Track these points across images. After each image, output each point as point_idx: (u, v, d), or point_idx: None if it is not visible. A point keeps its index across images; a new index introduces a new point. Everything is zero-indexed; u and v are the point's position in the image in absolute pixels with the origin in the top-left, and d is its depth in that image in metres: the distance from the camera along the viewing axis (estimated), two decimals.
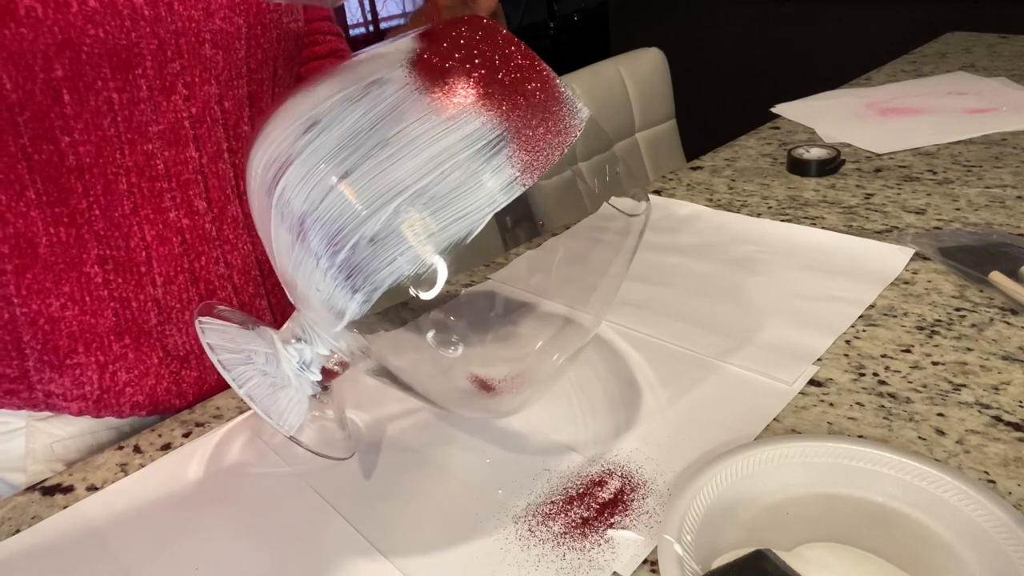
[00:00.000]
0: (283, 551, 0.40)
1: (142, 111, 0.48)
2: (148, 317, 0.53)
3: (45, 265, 0.49)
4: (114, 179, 0.49)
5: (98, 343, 0.52)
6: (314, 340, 0.40)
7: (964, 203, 0.73)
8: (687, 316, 0.58)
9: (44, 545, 0.42)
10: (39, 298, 0.50)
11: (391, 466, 0.45)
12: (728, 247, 0.69)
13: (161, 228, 0.51)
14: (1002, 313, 0.54)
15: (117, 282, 0.51)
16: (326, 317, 0.36)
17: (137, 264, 0.51)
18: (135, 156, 0.49)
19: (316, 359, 0.41)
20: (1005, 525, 0.34)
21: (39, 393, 0.52)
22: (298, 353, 0.41)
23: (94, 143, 0.47)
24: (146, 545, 0.41)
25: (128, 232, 0.50)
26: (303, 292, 0.36)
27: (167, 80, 0.48)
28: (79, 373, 0.52)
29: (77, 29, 0.44)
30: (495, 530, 0.40)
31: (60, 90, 0.45)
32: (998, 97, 1.03)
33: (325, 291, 0.34)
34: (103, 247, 0.50)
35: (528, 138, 0.34)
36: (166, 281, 0.53)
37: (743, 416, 0.46)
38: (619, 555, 0.37)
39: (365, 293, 0.34)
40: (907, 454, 0.38)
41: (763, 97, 1.22)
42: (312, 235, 0.34)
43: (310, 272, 0.35)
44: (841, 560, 0.35)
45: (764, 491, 0.39)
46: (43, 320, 0.50)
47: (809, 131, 0.99)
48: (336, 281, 0.34)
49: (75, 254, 0.49)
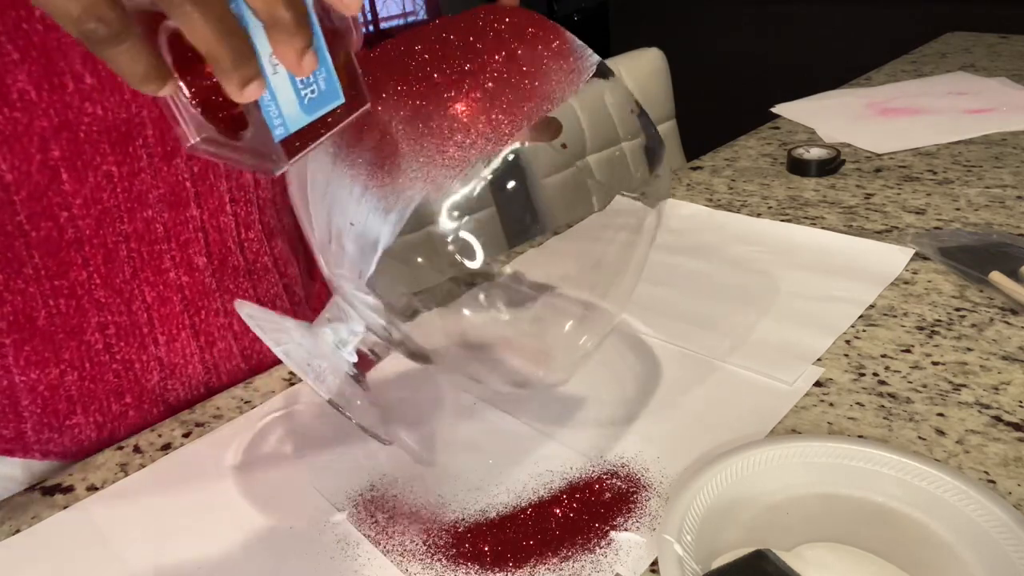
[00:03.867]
0: (283, 551, 0.40)
1: (142, 180, 0.47)
2: (151, 376, 0.52)
3: (44, 336, 0.48)
4: (114, 248, 0.48)
5: (97, 405, 0.51)
6: (349, 317, 0.41)
7: (964, 203, 0.73)
8: (687, 316, 0.58)
9: (44, 545, 0.42)
10: (38, 368, 0.49)
11: (392, 466, 0.45)
12: (728, 247, 0.69)
13: (161, 289, 0.51)
14: (1002, 313, 0.54)
15: (119, 346, 0.50)
16: (360, 260, 0.36)
17: (139, 326, 0.51)
18: (135, 223, 0.48)
19: (351, 338, 0.41)
20: (1005, 525, 0.34)
21: (36, 452, 0.51)
22: (333, 332, 0.41)
23: (93, 216, 0.46)
24: (146, 545, 0.41)
25: (130, 297, 0.50)
26: (337, 235, 0.37)
27: (168, 145, 0.47)
28: (78, 432, 0.51)
29: (75, 109, 0.42)
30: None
31: (58, 169, 0.44)
32: (998, 97, 1.03)
33: (359, 221, 0.35)
34: (104, 314, 0.49)
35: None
36: (168, 339, 0.52)
37: (743, 416, 0.46)
38: (621, 557, 0.37)
39: (398, 212, 0.35)
40: (907, 454, 0.38)
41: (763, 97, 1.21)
42: (343, 166, 0.35)
43: (344, 205, 0.36)
44: (841, 560, 0.35)
45: (764, 491, 0.39)
46: (42, 387, 0.49)
47: (809, 131, 0.99)
48: (370, 205, 0.35)
49: (75, 323, 0.48)
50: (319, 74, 0.30)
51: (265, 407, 0.52)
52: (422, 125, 0.35)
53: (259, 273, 0.56)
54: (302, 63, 0.27)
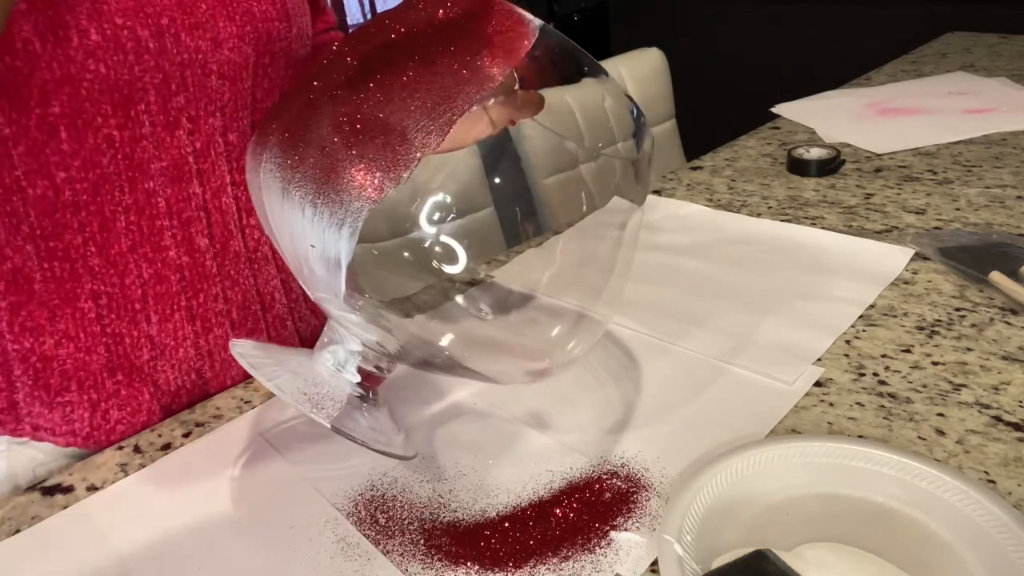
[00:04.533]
0: (283, 551, 0.40)
1: (144, 148, 0.47)
2: (140, 353, 0.52)
3: (40, 301, 0.48)
4: (111, 217, 0.48)
5: (91, 381, 0.51)
6: (343, 338, 0.41)
7: (964, 203, 0.73)
8: (687, 316, 0.58)
9: (44, 545, 0.42)
10: (32, 336, 0.49)
11: (392, 466, 0.45)
12: (728, 247, 0.69)
13: (159, 266, 0.50)
14: (1002, 313, 0.54)
15: (110, 318, 0.50)
16: (330, 280, 0.36)
17: (131, 301, 0.50)
18: (135, 194, 0.48)
19: (350, 358, 0.41)
20: (1005, 525, 0.34)
21: (27, 425, 0.51)
22: (331, 355, 0.41)
23: (91, 181, 0.46)
24: (146, 545, 0.41)
25: (124, 270, 0.49)
26: (305, 259, 0.37)
27: (171, 115, 0.47)
28: (69, 411, 0.51)
29: (77, 64, 0.42)
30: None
31: (57, 126, 0.44)
32: (998, 97, 1.03)
33: (318, 242, 0.35)
34: (97, 283, 0.49)
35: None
36: (161, 319, 0.52)
37: (743, 416, 0.46)
38: (621, 557, 0.37)
39: (350, 225, 0.34)
40: (907, 454, 0.38)
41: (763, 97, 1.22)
42: (292, 189, 0.35)
43: (301, 229, 0.35)
44: (841, 560, 0.35)
45: (764, 491, 0.39)
46: (35, 358, 0.49)
47: (809, 131, 0.99)
48: (323, 223, 0.35)
49: (69, 289, 0.48)
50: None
51: (265, 407, 0.52)
52: (359, 131, 0.34)
53: (259, 262, 0.56)
54: None
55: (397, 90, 0.35)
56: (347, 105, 0.35)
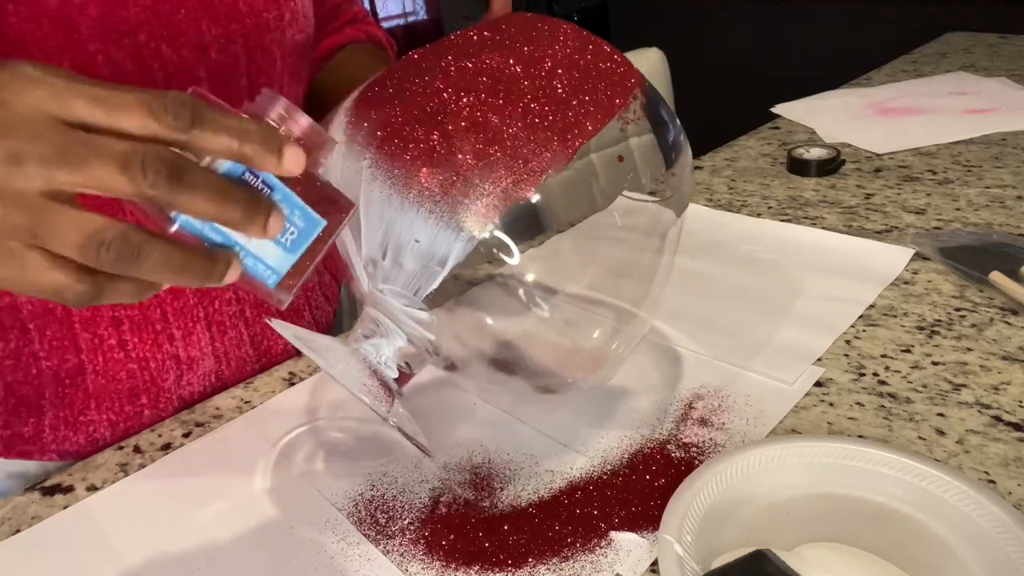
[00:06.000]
0: (283, 551, 0.40)
1: None
2: (167, 376, 0.53)
3: (62, 323, 0.49)
4: None
5: (109, 403, 0.52)
6: (390, 333, 0.41)
7: (964, 203, 0.73)
8: (687, 316, 0.58)
9: (44, 545, 0.42)
10: (59, 353, 0.49)
11: (392, 466, 0.45)
12: (728, 247, 0.69)
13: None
14: (1002, 313, 0.54)
15: (133, 342, 0.51)
16: (422, 276, 0.37)
17: (152, 322, 0.51)
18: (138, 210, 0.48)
19: (393, 353, 0.41)
20: (1005, 525, 0.34)
21: (53, 453, 0.51)
22: (374, 349, 0.41)
23: (95, 206, 0.46)
24: (146, 545, 0.41)
25: None
26: (395, 252, 0.37)
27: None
28: (92, 430, 0.52)
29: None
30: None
31: None
32: (998, 97, 1.03)
33: (427, 238, 0.36)
34: (116, 308, 0.49)
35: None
36: (184, 334, 0.52)
37: (744, 416, 0.46)
38: (621, 557, 0.37)
39: (470, 231, 0.35)
40: (907, 454, 0.38)
41: (763, 97, 1.21)
42: (410, 186, 0.36)
43: (409, 223, 0.36)
44: (841, 560, 0.35)
45: (764, 491, 0.39)
46: (64, 375, 0.50)
47: (809, 131, 0.99)
48: (440, 223, 0.36)
49: (87, 315, 0.49)
50: (292, 217, 0.31)
51: (265, 407, 0.52)
52: (498, 147, 0.36)
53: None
54: (268, 230, 0.29)
55: (536, 117, 0.37)
56: (482, 115, 0.37)
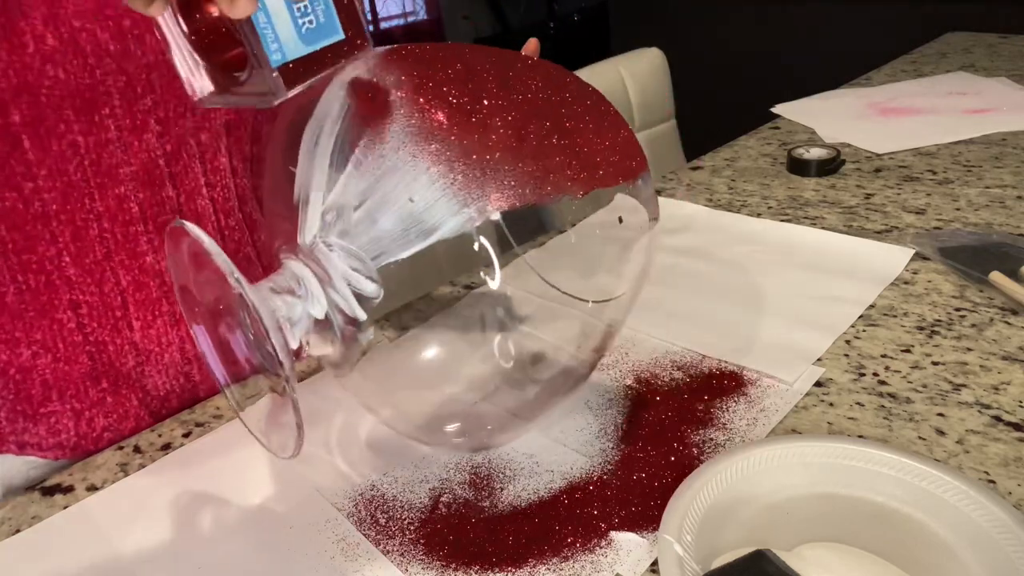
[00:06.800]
0: (283, 551, 0.40)
1: (111, 153, 0.46)
2: (126, 360, 0.51)
3: (14, 314, 0.47)
4: (83, 225, 0.47)
5: (72, 390, 0.50)
6: (310, 296, 0.36)
7: (964, 203, 0.73)
8: (687, 316, 0.58)
9: (44, 545, 0.42)
10: (8, 348, 0.48)
11: (392, 466, 0.45)
12: (728, 247, 0.69)
13: (137, 273, 0.49)
14: (1002, 313, 0.54)
15: (92, 327, 0.49)
16: (399, 238, 0.35)
17: (112, 309, 0.49)
18: (106, 201, 0.47)
19: (303, 320, 0.36)
20: (1005, 525, 0.34)
21: (11, 444, 0.50)
22: (284, 305, 0.35)
23: (59, 189, 0.45)
24: (146, 545, 0.41)
25: (101, 278, 0.48)
26: (376, 205, 0.35)
27: (137, 118, 0.46)
28: (54, 421, 0.50)
29: (35, 71, 0.41)
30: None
31: (19, 136, 0.43)
32: (998, 97, 1.03)
33: (424, 202, 0.34)
34: (74, 292, 0.48)
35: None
36: (144, 325, 0.51)
37: (743, 416, 0.46)
38: (621, 557, 0.37)
39: (474, 211, 0.34)
40: (907, 454, 0.38)
41: (763, 97, 1.21)
42: (431, 151, 0.34)
43: (412, 178, 0.34)
44: (841, 560, 0.35)
45: (764, 491, 0.39)
46: (14, 370, 0.48)
47: (809, 131, 0.99)
48: (444, 192, 0.34)
49: (45, 300, 0.47)
50: (317, 5, 0.30)
51: None
52: (539, 143, 0.35)
53: (241, 265, 0.55)
54: None
55: (583, 133, 0.37)
56: (543, 105, 0.37)
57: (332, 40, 0.31)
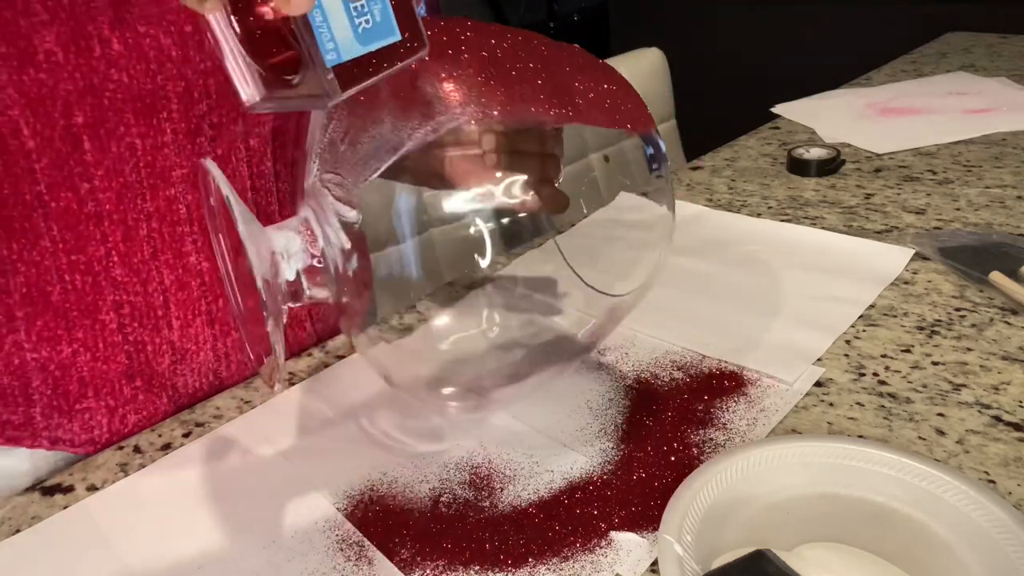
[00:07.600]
0: (283, 551, 0.40)
1: (166, 156, 0.47)
2: (162, 360, 0.52)
3: (57, 312, 0.48)
4: (135, 225, 0.47)
5: (108, 388, 0.51)
6: (316, 235, 0.37)
7: (964, 203, 0.73)
8: (687, 316, 0.58)
9: (44, 545, 0.42)
10: (50, 345, 0.48)
11: (392, 466, 0.45)
12: (728, 247, 0.69)
13: (181, 272, 0.50)
14: (1002, 313, 0.54)
15: (132, 327, 0.50)
16: (370, 156, 0.37)
17: (154, 308, 0.50)
18: (156, 201, 0.48)
19: (300, 254, 0.37)
20: (1005, 525, 0.34)
21: (44, 440, 0.51)
22: (284, 239, 0.36)
23: (115, 190, 0.46)
24: (146, 545, 0.41)
25: (147, 277, 0.49)
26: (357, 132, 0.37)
27: (192, 122, 0.47)
28: (88, 417, 0.51)
29: (100, 74, 0.42)
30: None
31: (80, 137, 0.43)
32: (998, 97, 1.03)
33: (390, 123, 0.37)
34: (119, 293, 0.49)
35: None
36: (183, 324, 0.52)
37: (743, 416, 0.46)
38: (621, 557, 0.37)
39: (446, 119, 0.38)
40: (907, 454, 0.38)
41: (763, 97, 1.21)
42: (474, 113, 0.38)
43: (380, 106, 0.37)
44: (841, 560, 0.35)
45: (764, 491, 0.39)
46: (53, 366, 0.49)
47: (809, 131, 0.99)
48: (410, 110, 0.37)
49: (90, 301, 0.48)
50: (374, 4, 0.30)
51: (265, 407, 0.52)
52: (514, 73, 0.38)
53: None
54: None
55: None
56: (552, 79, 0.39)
57: (389, 41, 0.30)
